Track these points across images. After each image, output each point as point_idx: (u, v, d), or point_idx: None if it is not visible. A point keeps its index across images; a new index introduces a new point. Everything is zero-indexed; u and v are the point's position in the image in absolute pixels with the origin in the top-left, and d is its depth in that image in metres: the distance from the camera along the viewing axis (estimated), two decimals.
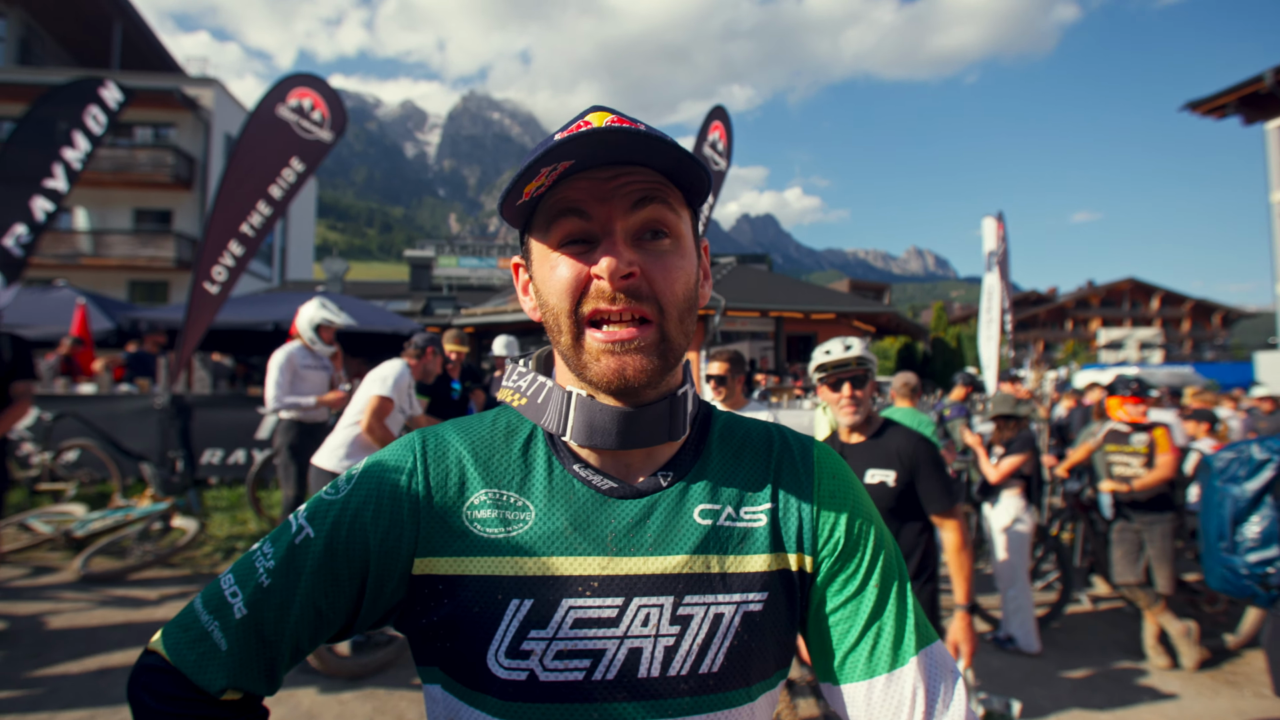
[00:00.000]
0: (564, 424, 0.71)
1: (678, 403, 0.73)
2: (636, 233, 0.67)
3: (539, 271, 0.70)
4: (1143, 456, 4.28)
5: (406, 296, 25.74)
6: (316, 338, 4.95)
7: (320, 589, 0.68)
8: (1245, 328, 64.28)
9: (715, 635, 0.67)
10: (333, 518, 0.70)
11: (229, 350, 12.61)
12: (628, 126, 0.63)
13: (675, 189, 0.69)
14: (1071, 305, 59.65)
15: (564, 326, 0.67)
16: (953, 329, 36.43)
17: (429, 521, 0.69)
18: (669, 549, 0.69)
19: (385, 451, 0.75)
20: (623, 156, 0.65)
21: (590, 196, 0.66)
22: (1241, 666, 4.16)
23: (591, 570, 0.67)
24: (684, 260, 0.69)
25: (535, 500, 0.70)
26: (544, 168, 0.62)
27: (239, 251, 6.83)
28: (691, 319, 0.70)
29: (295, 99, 6.92)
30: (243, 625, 0.67)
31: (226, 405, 7.35)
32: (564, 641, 0.65)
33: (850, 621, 0.71)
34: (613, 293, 0.65)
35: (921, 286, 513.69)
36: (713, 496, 0.73)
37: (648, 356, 0.67)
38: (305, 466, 4.89)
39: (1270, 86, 13.64)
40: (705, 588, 0.68)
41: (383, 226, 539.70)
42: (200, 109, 22.91)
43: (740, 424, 0.81)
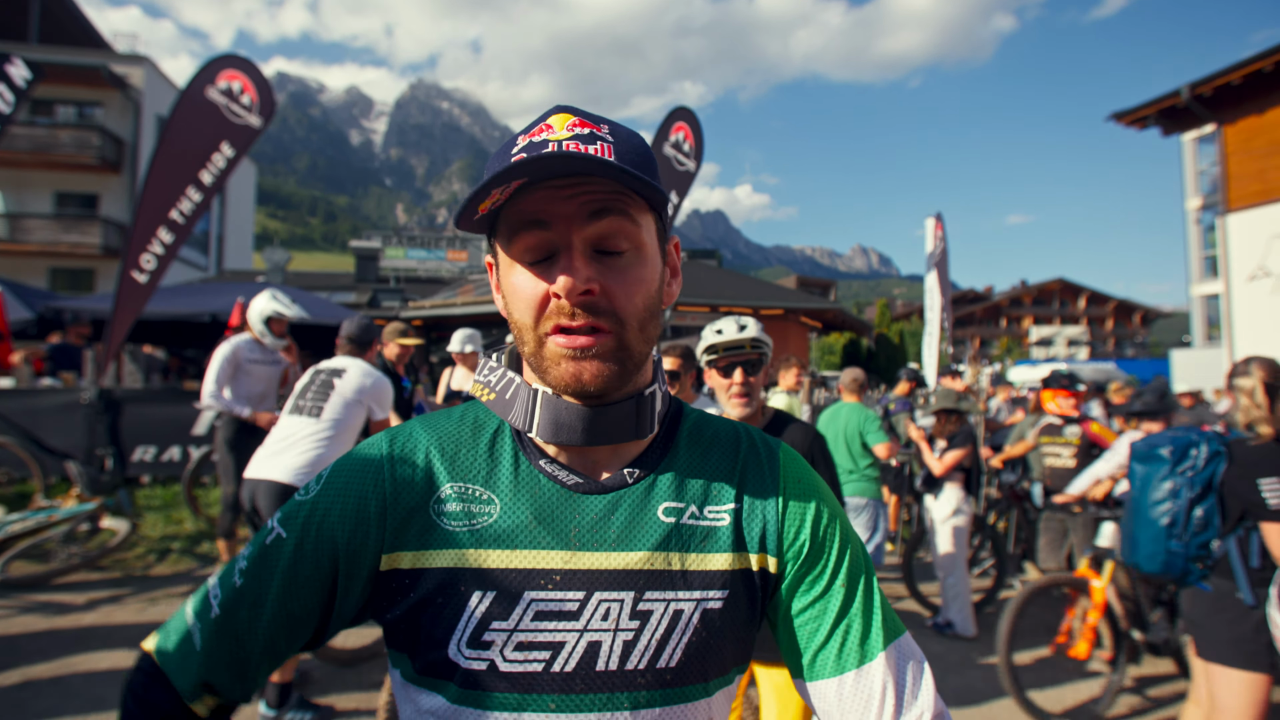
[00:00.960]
0: (530, 420, 0.72)
1: (644, 401, 0.74)
2: (595, 244, 0.67)
3: (504, 280, 0.72)
4: (1074, 447, 4.51)
5: (352, 288, 25.02)
6: (267, 330, 4.76)
7: (291, 589, 0.69)
8: (1162, 326, 68.30)
9: (674, 631, 0.68)
10: (302, 519, 0.71)
11: (162, 342, 12.04)
12: (580, 153, 0.62)
13: (635, 195, 0.69)
14: (1006, 304, 62.21)
15: (527, 337, 0.69)
16: (896, 325, 37.57)
17: (396, 518, 0.70)
18: (631, 545, 0.70)
19: (354, 451, 0.76)
20: (577, 172, 0.64)
21: (548, 207, 0.66)
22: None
23: (554, 564, 0.68)
24: (645, 269, 0.70)
25: (501, 494, 0.71)
26: (496, 189, 0.63)
27: (169, 239, 6.53)
28: (654, 325, 0.72)
29: (225, 81, 6.65)
30: (217, 625, 0.70)
31: (160, 400, 7.02)
32: (525, 633, 0.66)
33: (818, 621, 0.73)
34: (571, 309, 0.65)
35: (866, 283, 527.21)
36: (677, 495, 0.74)
37: (605, 363, 0.67)
38: (244, 462, 4.72)
39: (1186, 101, 14.47)
40: (666, 584, 0.69)
41: (326, 215, 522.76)
42: (129, 88, 21.75)
43: (709, 423, 0.82)
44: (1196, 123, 15.30)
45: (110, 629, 4.07)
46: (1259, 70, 13.13)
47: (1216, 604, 2.31)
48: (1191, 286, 21.23)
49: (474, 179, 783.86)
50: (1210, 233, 20.23)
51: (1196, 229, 21.23)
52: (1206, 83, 13.84)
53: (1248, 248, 14.01)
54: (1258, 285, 13.83)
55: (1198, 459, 2.34)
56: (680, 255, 0.81)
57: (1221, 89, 13.81)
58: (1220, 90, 13.85)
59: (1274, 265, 13.53)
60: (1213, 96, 14.08)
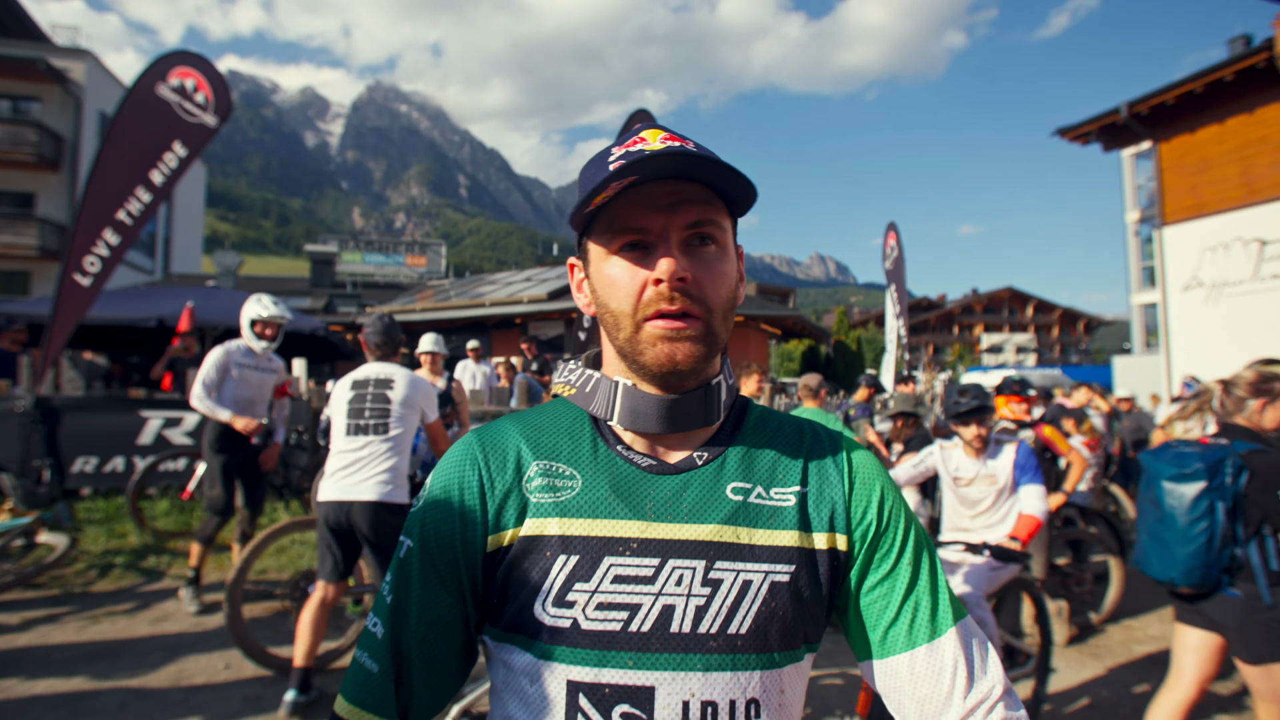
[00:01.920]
0: (611, 409, 0.80)
1: (713, 391, 0.81)
2: (688, 240, 0.75)
3: (597, 274, 0.79)
4: None
5: (307, 293, 24.42)
6: (254, 335, 4.70)
7: (429, 591, 0.76)
8: (1105, 334, 71.21)
9: (744, 599, 0.72)
10: (419, 524, 0.79)
11: (104, 348, 11.56)
12: (686, 148, 0.72)
13: (721, 202, 0.77)
14: (958, 311, 64.05)
15: (625, 324, 0.76)
16: (853, 332, 38.31)
17: (495, 502, 0.77)
18: (702, 519, 0.75)
19: (450, 451, 0.83)
20: (680, 173, 0.73)
21: (649, 209, 0.74)
22: (1104, 641, 4.61)
23: (631, 533, 0.74)
24: (727, 265, 0.78)
25: (582, 471, 0.78)
26: (614, 182, 0.70)
27: (114, 241, 6.28)
28: (731, 317, 0.79)
29: (177, 78, 6.43)
30: (385, 645, 0.76)
31: (102, 408, 6.72)
32: (604, 595, 0.71)
33: (888, 598, 0.77)
34: (670, 293, 0.73)
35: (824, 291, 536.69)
36: (745, 476, 0.79)
37: (696, 344, 0.74)
38: (232, 466, 4.62)
39: (1125, 119, 15.15)
40: (735, 555, 0.74)
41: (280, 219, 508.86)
42: (70, 82, 20.87)
43: (775, 416, 0.89)
44: (1135, 139, 16.04)
45: (47, 650, 3.87)
46: (1190, 91, 13.84)
47: (1248, 607, 2.41)
48: (1131, 296, 22.20)
49: (433, 183, 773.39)
50: (1148, 245, 21.20)
51: (1135, 241, 22.22)
52: (1143, 102, 14.53)
53: (1182, 259, 14.72)
54: (1191, 295, 14.54)
55: (1226, 475, 2.44)
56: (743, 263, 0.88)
57: (1157, 108, 14.52)
58: (1156, 109, 14.56)
59: (1206, 276, 14.25)
60: (1149, 115, 14.79)
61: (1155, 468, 2.62)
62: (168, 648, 3.97)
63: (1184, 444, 2.60)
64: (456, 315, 18.44)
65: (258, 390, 4.79)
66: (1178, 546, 2.50)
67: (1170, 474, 2.54)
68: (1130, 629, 4.82)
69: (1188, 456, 2.52)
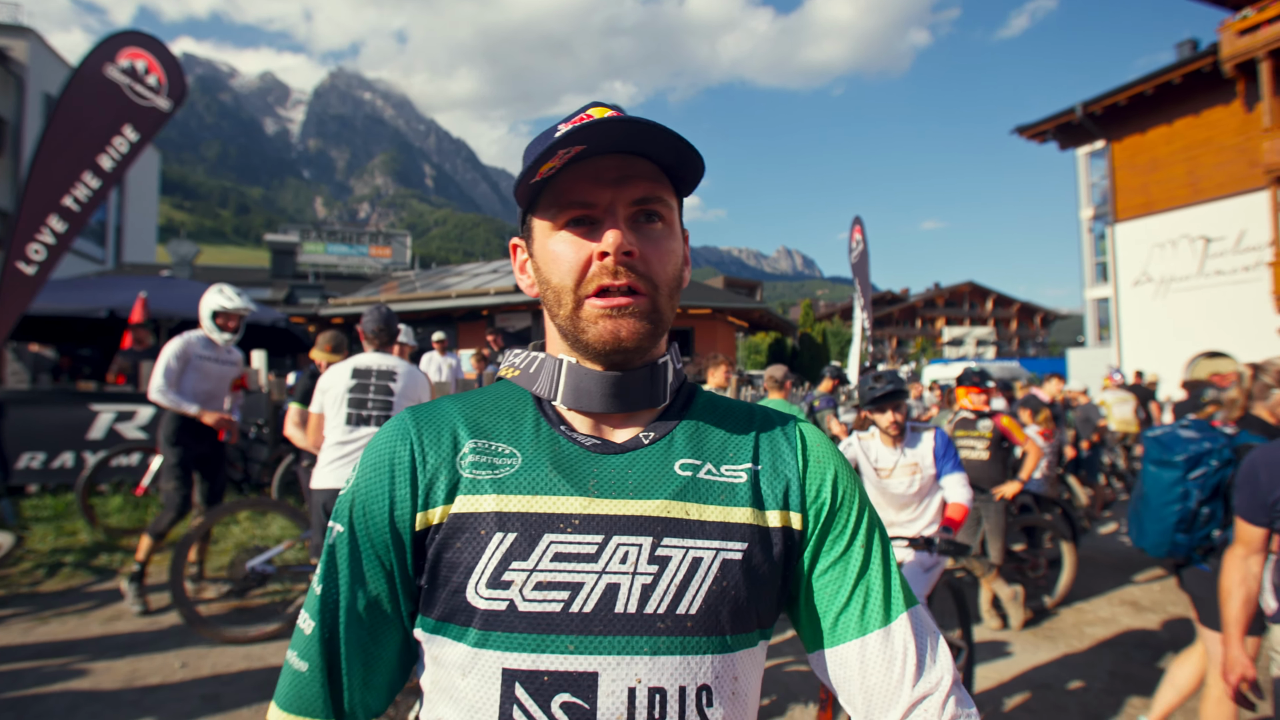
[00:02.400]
0: (555, 388, 0.78)
1: (658, 370, 0.79)
2: (634, 216, 0.74)
3: (541, 250, 0.76)
4: (986, 440, 4.78)
5: (267, 284, 23.80)
6: (214, 327, 4.56)
7: (358, 579, 0.72)
8: (1060, 327, 73.36)
9: (694, 577, 0.69)
10: (349, 505, 0.75)
11: (51, 340, 11.13)
12: (630, 117, 0.69)
13: (668, 180, 0.76)
14: (921, 305, 65.27)
15: (565, 300, 0.73)
16: (819, 325, 38.79)
17: (426, 478, 0.72)
18: (648, 494, 0.72)
19: (381, 430, 0.78)
20: (628, 147, 0.71)
21: (595, 183, 0.72)
22: (1058, 623, 4.78)
23: (573, 509, 0.70)
24: (674, 243, 0.77)
25: (523, 450, 0.74)
26: (561, 149, 0.67)
27: (61, 228, 6.03)
28: (677, 296, 0.78)
29: (126, 59, 6.18)
30: (314, 641, 0.72)
31: (49, 402, 6.47)
32: (543, 573, 0.67)
33: (840, 581, 0.75)
34: (615, 266, 0.71)
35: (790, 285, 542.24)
36: (694, 453, 0.77)
37: (640, 321, 0.72)
38: (188, 460, 4.48)
39: (1080, 118, 15.58)
40: (684, 531, 0.70)
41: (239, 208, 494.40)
42: (11, 62, 19.94)
43: (724, 400, 0.86)
44: (1089, 138, 16.52)
45: (14, 650, 3.73)
46: (1141, 93, 14.30)
47: (1214, 580, 2.55)
48: (1085, 290, 22.90)
49: (398, 173, 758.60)
50: (1101, 241, 21.87)
51: (1089, 237, 22.91)
52: (1097, 102, 14.97)
53: (1133, 255, 15.23)
54: (1141, 290, 15.06)
55: (1210, 465, 2.61)
56: (688, 247, 0.86)
57: (1110, 108, 14.97)
58: (1109, 109, 15.01)
59: (1155, 272, 14.77)
60: (1103, 115, 15.24)
61: (1146, 449, 2.85)
62: (121, 647, 3.86)
63: (1189, 427, 2.75)
64: (422, 307, 18.17)
65: (218, 383, 4.67)
66: (1149, 522, 2.76)
67: (1154, 457, 2.77)
68: (1082, 612, 5.00)
69: (1176, 446, 2.71)
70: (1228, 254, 13.58)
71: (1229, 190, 13.53)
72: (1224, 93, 13.51)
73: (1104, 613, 4.99)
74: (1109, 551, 6.64)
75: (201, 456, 4.61)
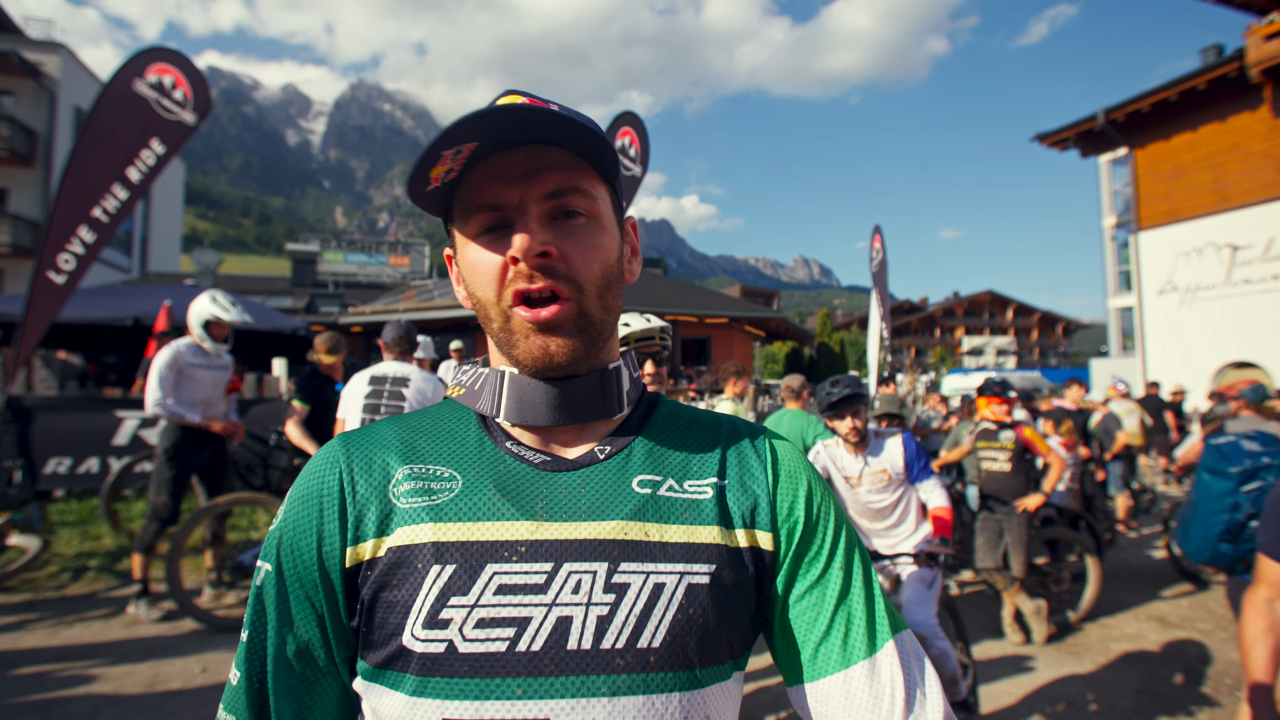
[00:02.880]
0: (497, 403, 0.71)
1: (609, 376, 0.72)
2: (550, 213, 0.66)
3: (463, 263, 0.70)
4: (1008, 451, 4.71)
5: (288, 293, 24.16)
6: (206, 335, 4.54)
7: (286, 624, 0.65)
8: (1082, 337, 72.34)
9: (655, 606, 0.62)
10: (278, 543, 0.68)
11: (79, 348, 11.35)
12: (530, 104, 0.61)
13: (589, 166, 0.68)
14: (940, 314, 64.72)
15: (493, 313, 0.67)
16: (837, 334, 38.58)
17: (355, 512, 0.66)
18: (603, 515, 0.65)
19: (311, 461, 0.72)
20: (531, 136, 0.63)
21: (502, 182, 0.65)
22: (1082, 639, 4.68)
23: (518, 535, 0.63)
24: (602, 237, 0.69)
25: (464, 472, 0.67)
26: (445, 150, 0.60)
27: (90, 238, 6.16)
28: (613, 295, 0.70)
29: (155, 74, 6.34)
30: (242, 694, 0.66)
31: (76, 408, 6.59)
32: (486, 608, 0.60)
33: (818, 608, 0.68)
34: (529, 271, 0.64)
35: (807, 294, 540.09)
36: (653, 469, 0.70)
37: (569, 334, 0.66)
38: (185, 474, 4.47)
39: (1102, 126, 15.41)
40: (644, 555, 0.63)
41: (260, 217, 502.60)
42: (44, 76, 20.49)
43: (688, 410, 0.80)
44: (1111, 146, 16.32)
45: (17, 655, 3.79)
46: (1165, 99, 14.12)
47: None
48: (1108, 300, 22.56)
49: None
50: (1124, 249, 21.56)
51: (1112, 246, 22.59)
52: (1120, 109, 14.80)
53: (1157, 264, 14.99)
54: (1166, 299, 14.81)
55: (1266, 480, 2.58)
56: (637, 236, 0.79)
57: (1133, 115, 14.78)
58: (1132, 116, 14.82)
59: (1180, 280, 14.52)
60: (1125, 122, 15.05)
61: (1204, 455, 2.85)
62: (142, 651, 3.90)
63: (1254, 438, 2.72)
64: (440, 315, 18.33)
65: (214, 389, 4.63)
66: (1194, 527, 2.76)
67: (1210, 465, 2.77)
68: (1107, 627, 4.90)
69: (1235, 456, 2.70)
70: (1255, 262, 13.32)
71: (1256, 197, 13.29)
72: (1251, 98, 13.30)
73: (1130, 628, 4.88)
74: (1135, 566, 6.51)
75: (205, 465, 4.61)
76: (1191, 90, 13.78)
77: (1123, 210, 21.85)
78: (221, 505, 4.48)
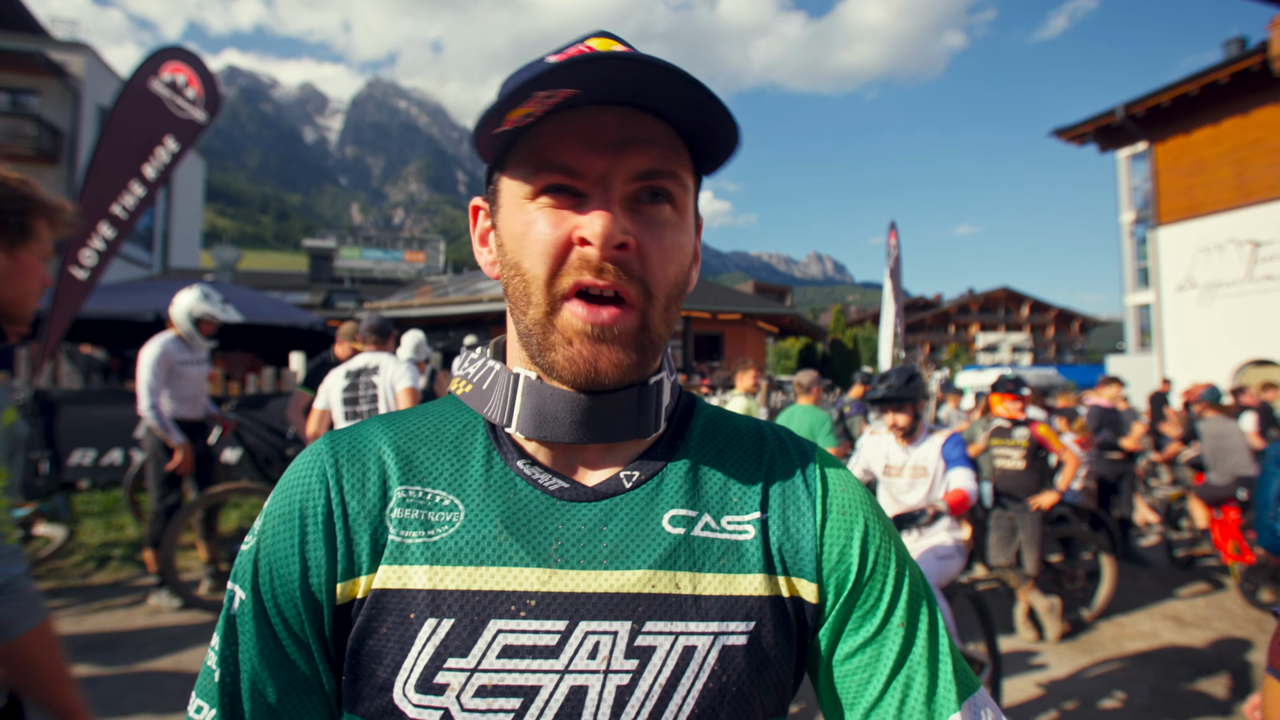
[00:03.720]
0: (509, 412, 0.60)
1: (648, 393, 0.61)
2: (634, 195, 0.55)
3: (508, 223, 0.58)
4: (1022, 449, 4.69)
5: (305, 288, 24.42)
6: (195, 331, 4.52)
7: (268, 660, 0.56)
8: (1099, 334, 71.44)
9: (684, 674, 0.53)
10: (254, 565, 0.59)
11: (102, 342, 11.55)
12: (647, 57, 0.50)
13: (686, 150, 0.58)
14: (954, 311, 64.13)
15: (536, 298, 0.56)
16: (850, 331, 38.38)
17: (348, 534, 0.57)
18: (628, 562, 0.56)
19: (291, 468, 0.61)
20: (635, 97, 0.53)
21: (586, 145, 0.54)
22: (1095, 637, 4.66)
23: (528, 585, 0.54)
24: (683, 236, 0.59)
25: (467, 500, 0.58)
26: (539, 91, 0.49)
27: (110, 234, 6.31)
28: (677, 307, 0.60)
29: (169, 73, 6.46)
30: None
31: (99, 401, 6.73)
32: (488, 674, 0.52)
33: (871, 669, 0.58)
34: (600, 262, 0.53)
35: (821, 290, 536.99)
36: (688, 502, 0.60)
37: (626, 350, 0.56)
38: (175, 473, 4.48)
39: (1120, 120, 15.20)
40: (673, 612, 0.55)
41: (278, 214, 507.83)
42: (68, 76, 20.82)
43: (728, 419, 0.69)
44: (1130, 140, 16.10)
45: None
46: (1186, 94, 13.90)
47: None
48: (1125, 296, 22.27)
49: (432, 180, 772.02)
50: (1142, 245, 21.27)
51: (1130, 242, 22.29)
52: (1139, 103, 14.58)
53: (1176, 260, 14.78)
54: (1185, 296, 14.61)
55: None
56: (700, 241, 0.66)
57: (1153, 110, 14.57)
58: (1151, 111, 14.61)
59: (1200, 277, 14.32)
60: (1145, 116, 14.84)
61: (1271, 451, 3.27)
62: (165, 639, 3.99)
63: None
64: (455, 311, 18.43)
65: (198, 384, 4.63)
66: (1261, 515, 3.20)
67: (1271, 462, 3.18)
68: (1121, 625, 4.87)
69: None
70: (1277, 259, 13.11)
71: (1279, 192, 13.07)
72: (1274, 92, 13.06)
73: (1144, 627, 4.85)
74: (1151, 564, 6.45)
75: (193, 459, 4.63)
76: (1213, 84, 13.56)
77: (1141, 206, 21.54)
78: (215, 497, 4.55)
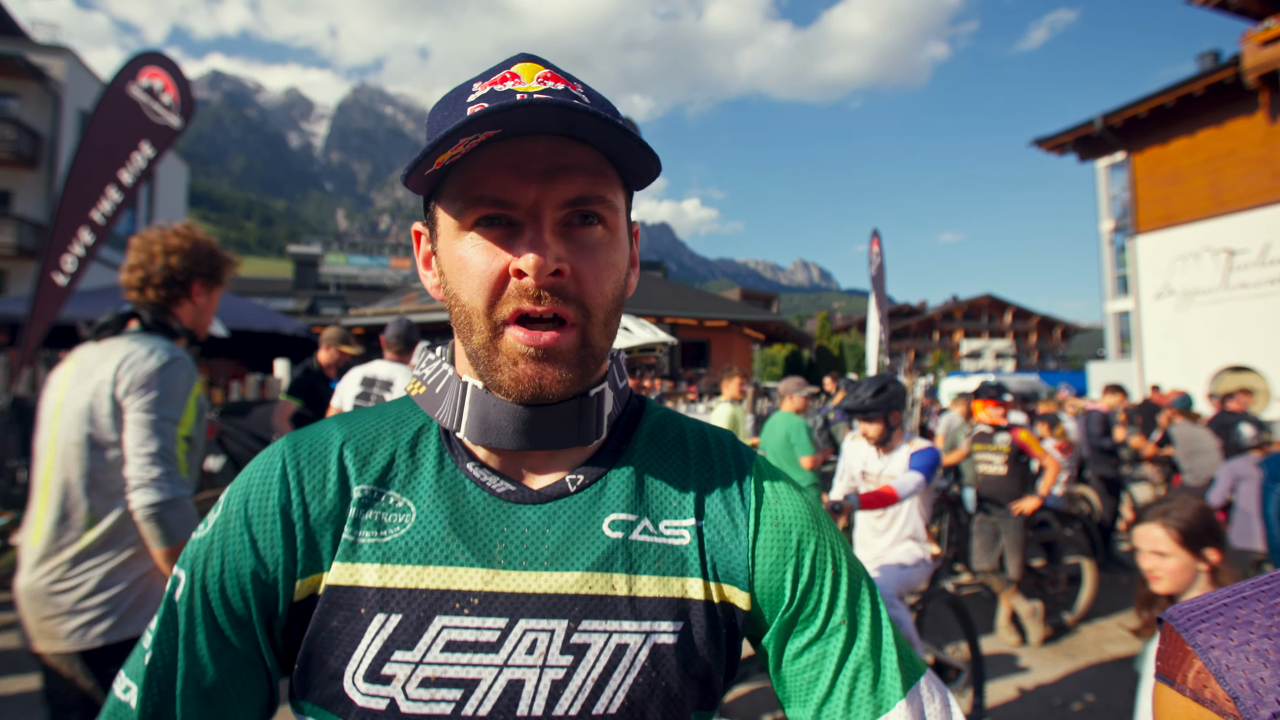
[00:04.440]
0: (458, 418, 0.63)
1: (589, 404, 0.64)
2: (565, 220, 0.58)
3: (446, 253, 0.60)
4: (1004, 455, 4.75)
5: (290, 294, 24.24)
6: None
7: (208, 647, 0.58)
8: (1080, 341, 72.41)
9: (615, 670, 0.57)
10: (203, 557, 0.61)
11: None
12: (571, 93, 0.55)
13: (614, 171, 0.60)
14: (938, 318, 64.71)
15: (478, 326, 0.59)
16: (836, 337, 38.62)
17: (309, 534, 0.60)
18: (567, 564, 0.59)
19: (253, 463, 0.64)
20: (559, 129, 0.56)
21: (515, 176, 0.56)
22: (1077, 640, 4.71)
23: (472, 584, 0.58)
24: (617, 253, 0.61)
25: (419, 502, 0.61)
26: (464, 138, 0.52)
27: (89, 240, 6.24)
28: (616, 319, 0.63)
29: (146, 78, 6.43)
30: (135, 715, 0.58)
31: None
32: (432, 666, 0.55)
33: (818, 667, 0.61)
34: (537, 290, 0.56)
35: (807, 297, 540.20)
36: (629, 506, 0.63)
37: (569, 367, 0.59)
38: None
39: (1099, 130, 15.47)
40: (608, 612, 0.58)
41: (263, 220, 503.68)
42: (49, 80, 20.58)
43: (674, 423, 0.72)
44: (1109, 150, 16.38)
45: (20, 654, 3.83)
46: (1162, 105, 14.18)
47: None
48: (1105, 303, 22.60)
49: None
50: (1121, 253, 21.61)
51: (1110, 250, 22.65)
52: (1117, 114, 14.86)
53: (1154, 268, 15.04)
54: (1163, 303, 14.86)
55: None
56: (638, 244, 0.70)
57: (1130, 120, 14.85)
58: (1129, 121, 14.89)
59: (1177, 285, 14.58)
60: (1123, 127, 15.12)
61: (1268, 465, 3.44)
62: None
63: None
64: (440, 318, 18.37)
65: None
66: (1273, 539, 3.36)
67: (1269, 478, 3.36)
68: (1102, 629, 4.93)
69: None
70: (1252, 267, 13.38)
71: (1253, 202, 13.35)
72: (1247, 104, 13.36)
73: (1125, 630, 4.92)
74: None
75: None
76: (1189, 96, 13.85)
77: (1120, 214, 21.91)
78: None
